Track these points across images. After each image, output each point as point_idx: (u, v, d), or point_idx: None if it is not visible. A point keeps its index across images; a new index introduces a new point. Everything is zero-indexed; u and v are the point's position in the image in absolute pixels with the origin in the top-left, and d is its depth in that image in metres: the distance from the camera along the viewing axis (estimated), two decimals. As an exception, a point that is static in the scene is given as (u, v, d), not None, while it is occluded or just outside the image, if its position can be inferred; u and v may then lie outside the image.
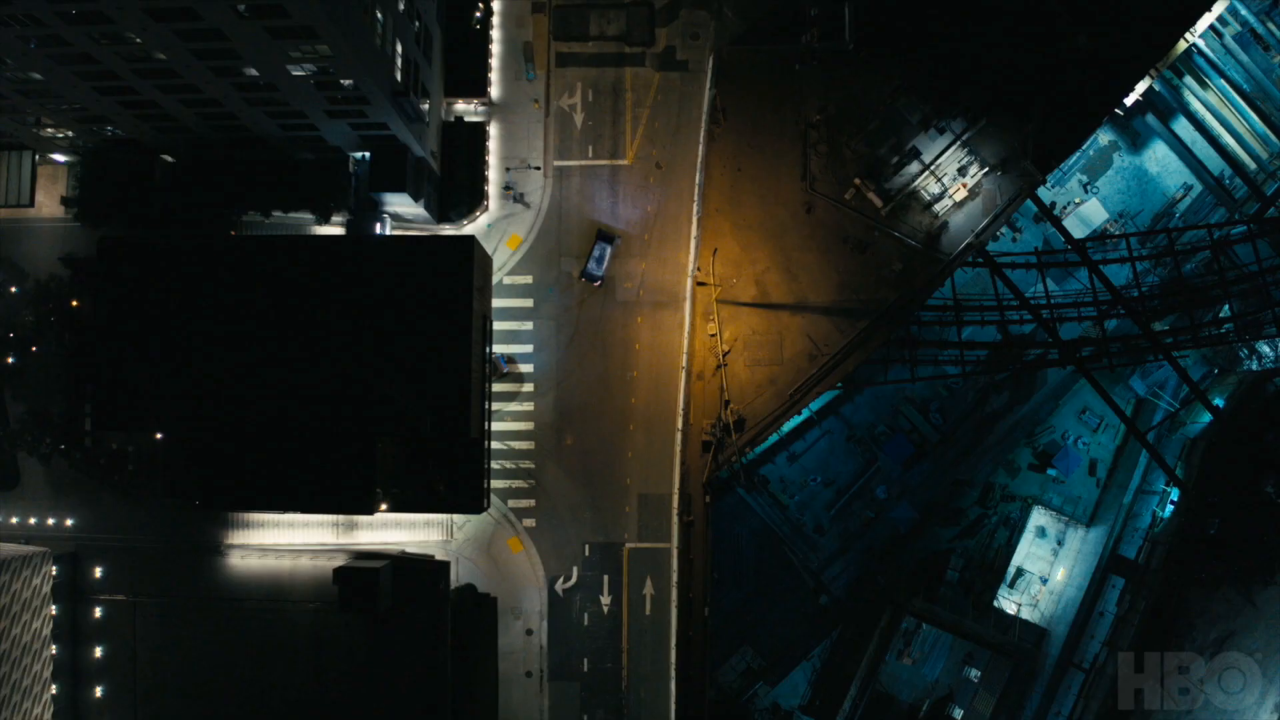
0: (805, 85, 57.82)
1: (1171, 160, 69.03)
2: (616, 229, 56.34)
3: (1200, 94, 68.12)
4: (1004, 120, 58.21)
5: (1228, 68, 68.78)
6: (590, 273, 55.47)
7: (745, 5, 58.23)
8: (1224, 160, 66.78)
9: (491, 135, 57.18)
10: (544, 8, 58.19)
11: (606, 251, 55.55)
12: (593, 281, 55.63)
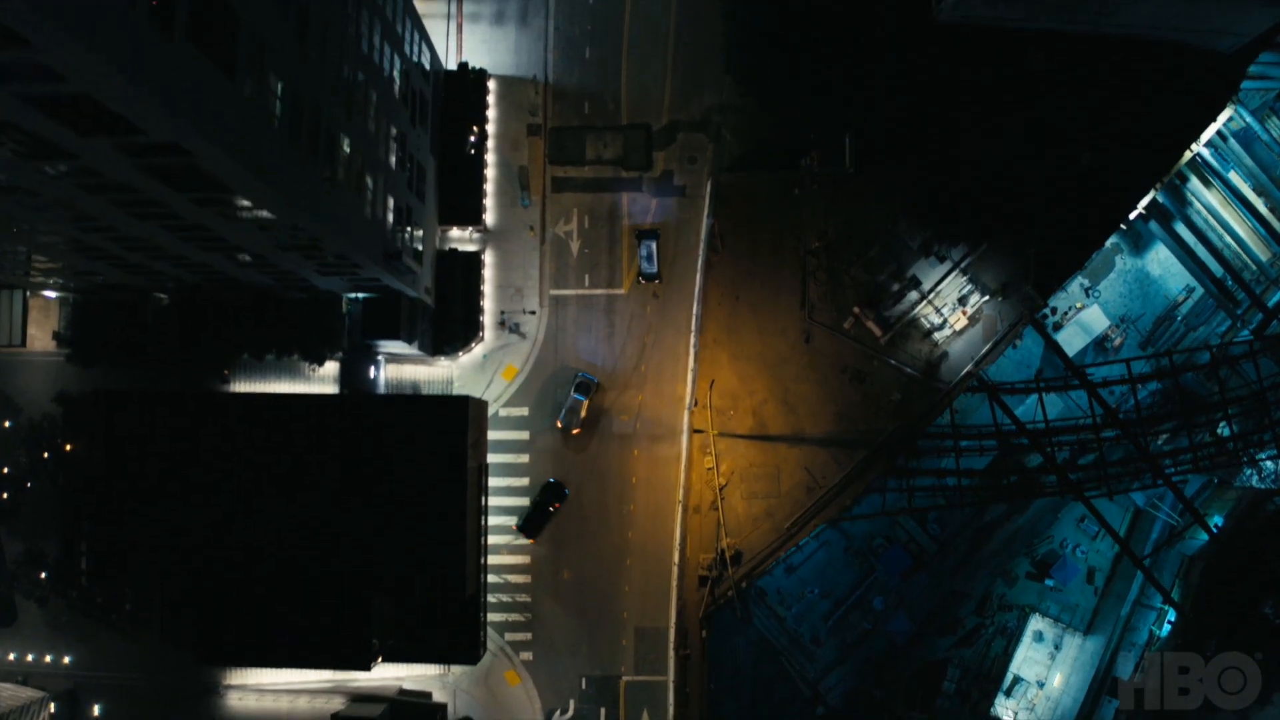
0: (804, 210, 57.17)
1: (1174, 262, 68.36)
2: (601, 368, 56.02)
3: (1202, 195, 67.24)
4: (1005, 243, 57.61)
5: (1230, 165, 67.89)
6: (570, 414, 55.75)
7: (743, 129, 57.47)
8: (1223, 267, 66.05)
9: (487, 263, 56.63)
10: (539, 130, 57.45)
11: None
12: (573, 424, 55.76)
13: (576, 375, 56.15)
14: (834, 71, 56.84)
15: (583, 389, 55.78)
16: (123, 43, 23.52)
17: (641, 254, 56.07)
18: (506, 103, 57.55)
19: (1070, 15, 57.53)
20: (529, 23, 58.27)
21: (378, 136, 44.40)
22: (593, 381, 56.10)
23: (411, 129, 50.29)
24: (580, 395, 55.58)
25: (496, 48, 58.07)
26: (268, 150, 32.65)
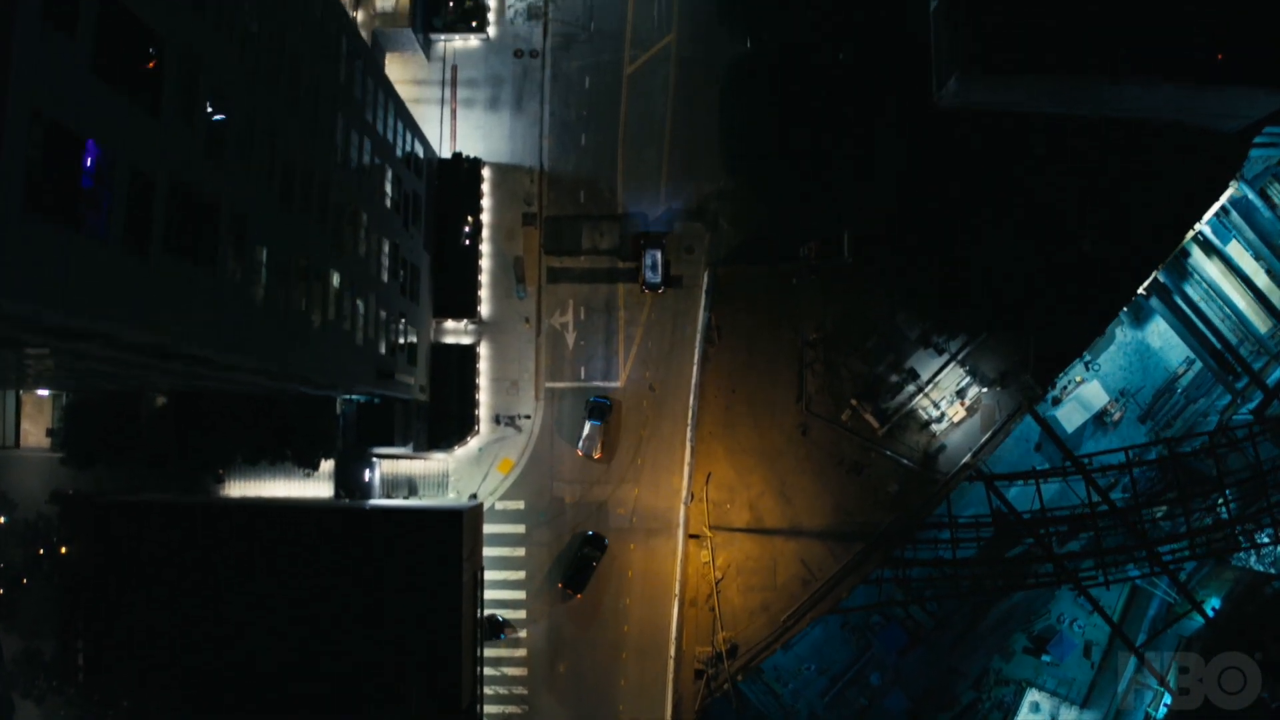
0: (802, 301, 56.74)
1: (1174, 335, 67.78)
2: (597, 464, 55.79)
3: (1201, 268, 66.58)
4: (1004, 332, 57.18)
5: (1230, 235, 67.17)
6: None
7: (741, 217, 56.96)
8: (1221, 343, 65.47)
9: (482, 356, 56.31)
10: (535, 220, 56.98)
11: None
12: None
13: (589, 399, 55.73)
14: (833, 159, 56.21)
15: (597, 413, 55.20)
16: (101, 299, 23.20)
17: (646, 263, 55.40)
18: (502, 191, 57.04)
19: (1073, 102, 56.91)
20: (524, 108, 57.65)
21: (369, 257, 44.01)
22: (606, 404, 55.47)
23: (404, 233, 49.87)
24: (596, 420, 55.05)
25: (491, 134, 57.49)
26: (253, 324, 32.31)
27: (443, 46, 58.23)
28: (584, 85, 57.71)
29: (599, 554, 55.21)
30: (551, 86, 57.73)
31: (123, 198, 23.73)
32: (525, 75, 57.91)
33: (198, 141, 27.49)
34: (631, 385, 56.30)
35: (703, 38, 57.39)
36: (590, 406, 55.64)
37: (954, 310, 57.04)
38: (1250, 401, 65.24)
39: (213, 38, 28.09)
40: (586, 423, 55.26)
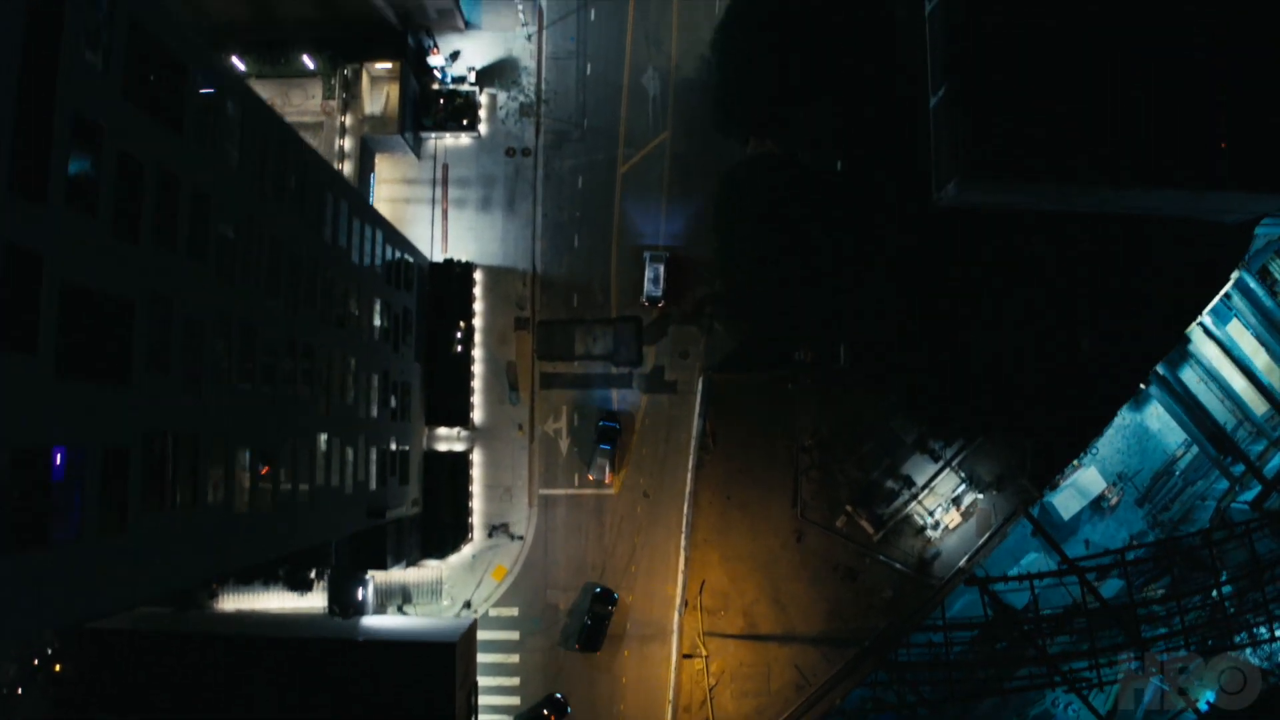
0: (798, 406, 56.17)
1: (1173, 408, 67.32)
2: (592, 571, 55.56)
3: (1199, 352, 66.00)
4: (1001, 435, 56.76)
5: (1230, 316, 66.52)
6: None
7: (736, 322, 56.27)
8: (1218, 430, 65.00)
9: (475, 463, 55.91)
10: (528, 324, 56.35)
11: None
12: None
13: (599, 423, 55.36)
14: (829, 261, 55.34)
15: (607, 437, 54.70)
16: (85, 602, 22.87)
17: (649, 276, 54.97)
18: (494, 295, 56.34)
19: (1074, 203, 56.06)
20: (516, 209, 56.82)
21: (358, 401, 43.53)
22: (615, 428, 55.05)
23: (394, 355, 49.33)
24: (606, 445, 54.58)
25: (483, 235, 56.71)
26: (237, 532, 31.95)
27: (433, 144, 57.28)
28: (577, 185, 56.84)
29: (610, 609, 54.94)
30: (544, 186, 56.86)
31: (95, 495, 23.34)
32: (517, 174, 57.00)
33: (179, 399, 27.02)
34: (625, 492, 55.96)
35: (698, 136, 56.46)
36: (599, 431, 54.93)
37: (951, 412, 56.56)
38: (1249, 489, 64.88)
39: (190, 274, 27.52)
40: (596, 448, 54.79)
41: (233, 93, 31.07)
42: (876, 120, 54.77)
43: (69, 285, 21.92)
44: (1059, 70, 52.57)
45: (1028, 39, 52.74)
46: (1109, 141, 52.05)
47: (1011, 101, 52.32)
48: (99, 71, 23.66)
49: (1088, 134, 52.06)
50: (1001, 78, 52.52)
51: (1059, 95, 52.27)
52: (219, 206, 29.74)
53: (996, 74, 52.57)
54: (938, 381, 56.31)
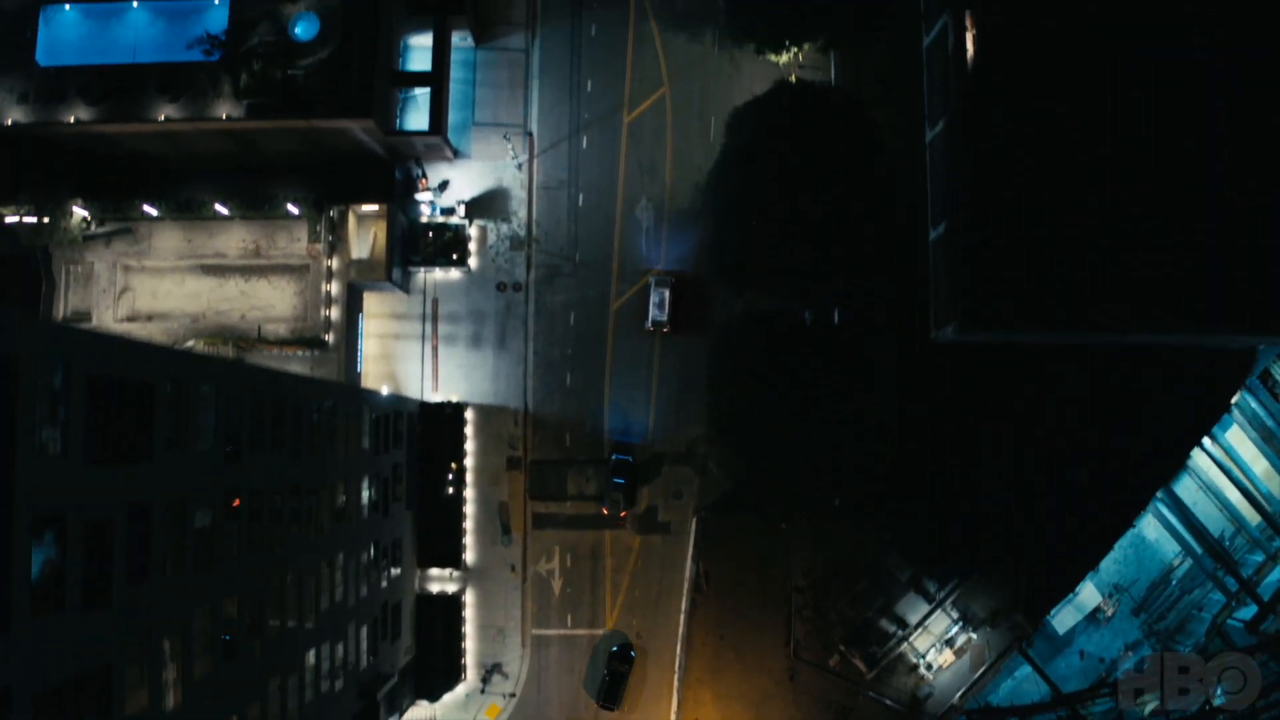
0: (792, 546, 55.86)
1: (1170, 522, 66.80)
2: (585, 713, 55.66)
3: (1195, 464, 65.27)
4: (996, 571, 56.52)
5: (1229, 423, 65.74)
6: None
7: (730, 461, 55.68)
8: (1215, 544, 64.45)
9: (468, 603, 55.70)
10: (520, 464, 55.82)
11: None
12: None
13: (610, 456, 55.05)
14: (824, 403, 54.54)
15: (620, 471, 54.37)
16: None
17: (653, 300, 54.65)
18: (485, 435, 55.75)
19: (1078, 339, 55.12)
20: (507, 346, 56.02)
21: (347, 592, 43.15)
22: (628, 460, 54.65)
23: (384, 519, 48.92)
24: (620, 479, 54.25)
25: (473, 373, 55.98)
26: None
27: (423, 277, 56.33)
28: (569, 321, 55.96)
29: (628, 667, 55.03)
30: (536, 322, 56.00)
31: None
32: (509, 310, 56.10)
33: None
34: (619, 632, 55.80)
35: (691, 272, 55.43)
36: (612, 465, 54.51)
37: (946, 548, 56.25)
38: (1246, 605, 64.56)
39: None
40: (611, 482, 54.39)
41: (205, 378, 30.32)
42: (875, 256, 53.67)
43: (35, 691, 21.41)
44: (1066, 216, 51.42)
45: (1033, 182, 51.55)
46: (1118, 291, 51.08)
47: (1015, 250, 51.25)
48: (58, 453, 22.92)
49: (1095, 284, 51.04)
50: (1005, 224, 51.47)
51: (1065, 243, 51.19)
52: (195, 501, 29.18)
53: (999, 219, 51.51)
54: (933, 517, 55.94)
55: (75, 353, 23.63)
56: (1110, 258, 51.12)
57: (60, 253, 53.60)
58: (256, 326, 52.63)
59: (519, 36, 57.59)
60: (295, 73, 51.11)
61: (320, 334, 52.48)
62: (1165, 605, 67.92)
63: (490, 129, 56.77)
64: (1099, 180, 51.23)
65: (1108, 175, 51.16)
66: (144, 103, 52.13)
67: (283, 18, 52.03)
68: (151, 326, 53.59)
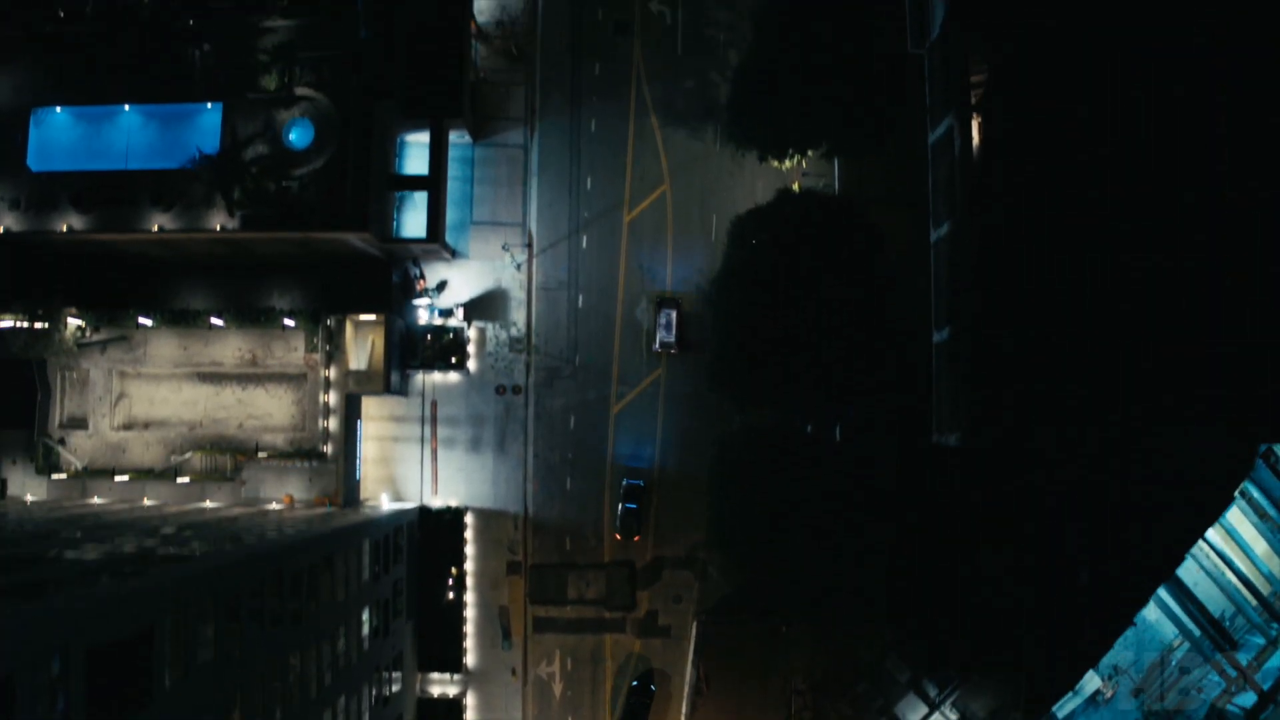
0: (792, 649, 55.83)
1: (1169, 605, 66.90)
2: (596, 817, 55.95)
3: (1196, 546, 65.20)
4: (996, 670, 56.63)
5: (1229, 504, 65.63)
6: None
7: (730, 566, 55.51)
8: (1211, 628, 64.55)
9: (468, 707, 55.73)
10: (519, 569, 55.63)
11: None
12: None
13: (623, 481, 55.09)
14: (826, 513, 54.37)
15: (632, 496, 54.49)
16: None
17: (660, 322, 54.68)
18: (485, 539, 55.53)
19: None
20: (507, 450, 55.64)
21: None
22: (640, 485, 54.76)
23: (384, 640, 48.81)
24: (632, 504, 54.45)
25: (473, 477, 55.67)
26: None
27: (422, 379, 55.83)
28: (569, 425, 55.57)
29: (649, 700, 55.18)
30: (535, 425, 55.61)
31: None
32: (508, 413, 55.68)
33: None
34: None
35: (692, 376, 54.97)
36: (624, 490, 54.58)
37: (945, 650, 56.28)
38: (1245, 692, 64.81)
39: None
40: (621, 506, 54.53)
41: (206, 596, 30.00)
42: (877, 364, 53.24)
43: None
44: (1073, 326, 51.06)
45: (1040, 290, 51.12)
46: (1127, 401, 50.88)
47: (1020, 361, 50.89)
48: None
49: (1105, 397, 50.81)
50: (1010, 333, 51.05)
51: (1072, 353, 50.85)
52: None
53: (1005, 329, 51.09)
54: (932, 617, 55.92)
55: (72, 630, 23.33)
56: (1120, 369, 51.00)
57: (55, 360, 53.02)
58: (255, 443, 52.19)
59: (517, 132, 56.73)
60: (290, 184, 50.35)
61: (318, 445, 52.07)
62: (1165, 686, 68.18)
63: (489, 228, 56.10)
64: (1108, 289, 50.94)
65: (1118, 283, 50.87)
66: (137, 212, 51.43)
67: (276, 124, 51.23)
68: (149, 435, 53.15)
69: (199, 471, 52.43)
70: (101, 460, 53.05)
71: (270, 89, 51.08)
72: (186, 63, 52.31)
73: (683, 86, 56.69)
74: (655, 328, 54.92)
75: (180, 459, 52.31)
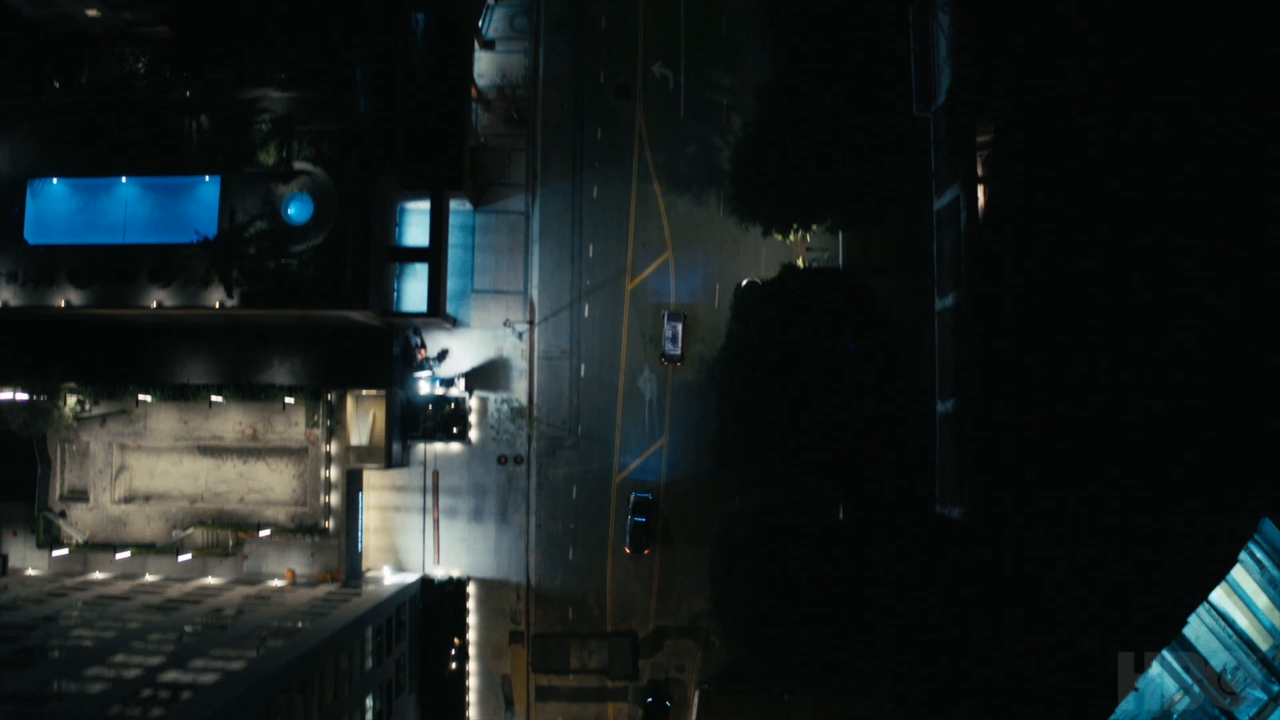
0: (794, 716, 55.83)
1: (1169, 660, 66.92)
2: None
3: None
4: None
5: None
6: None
7: (732, 637, 55.37)
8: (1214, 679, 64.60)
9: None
10: (522, 638, 55.61)
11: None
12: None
13: (631, 495, 55.34)
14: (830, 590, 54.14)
15: (641, 509, 54.58)
16: None
17: (666, 334, 54.71)
18: (487, 609, 55.47)
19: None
20: (509, 520, 55.47)
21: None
22: (648, 499, 54.92)
23: (389, 715, 48.86)
24: (641, 517, 54.47)
25: (475, 547, 55.53)
26: None
27: (423, 449, 55.57)
28: (571, 495, 55.37)
29: (667, 705, 55.22)
30: (537, 495, 55.40)
31: None
32: (510, 483, 55.48)
33: None
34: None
35: (694, 446, 54.67)
36: (633, 504, 54.69)
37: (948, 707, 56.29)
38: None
39: None
40: (631, 520, 54.54)
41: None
42: (882, 439, 52.89)
43: None
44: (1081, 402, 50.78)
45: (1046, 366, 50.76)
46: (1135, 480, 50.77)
47: (1025, 438, 50.64)
48: None
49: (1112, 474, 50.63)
50: (1015, 411, 50.72)
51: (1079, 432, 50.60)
52: None
53: (1009, 406, 50.77)
54: (935, 687, 55.88)
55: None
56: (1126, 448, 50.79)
57: (55, 433, 52.80)
58: (256, 519, 52.04)
59: (519, 198, 56.21)
60: (289, 261, 49.92)
61: (320, 521, 51.94)
62: (1164, 738, 68.35)
63: (490, 296, 55.70)
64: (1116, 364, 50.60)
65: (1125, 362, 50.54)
66: (135, 288, 51.05)
67: (275, 199, 50.74)
68: (150, 508, 53.01)
69: (201, 546, 52.33)
70: (103, 533, 52.96)
71: (268, 163, 50.55)
72: (183, 135, 51.78)
73: (685, 151, 56.10)
74: (661, 340, 54.74)
75: (182, 534, 52.19)
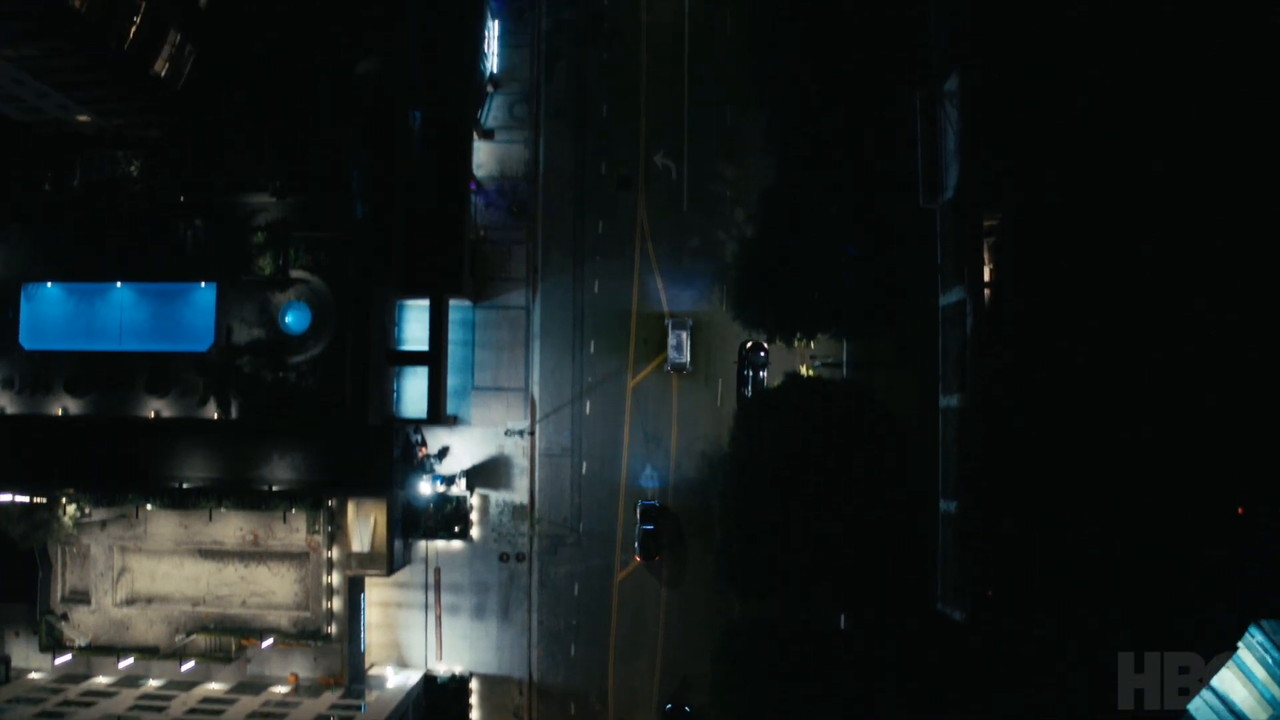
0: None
1: None
2: None
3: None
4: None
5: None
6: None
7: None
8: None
9: None
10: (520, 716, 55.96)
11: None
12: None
13: (638, 503, 55.34)
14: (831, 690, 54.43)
15: (648, 516, 54.55)
16: None
17: (671, 342, 54.58)
18: (489, 705, 55.70)
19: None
20: (511, 617, 55.53)
21: None
22: (655, 506, 54.94)
23: (392, 830, 49.29)
24: (648, 525, 54.52)
25: (477, 644, 55.65)
26: None
27: (425, 546, 55.47)
28: (573, 592, 55.36)
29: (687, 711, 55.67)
30: (539, 593, 55.39)
31: None
32: (512, 581, 55.45)
33: None
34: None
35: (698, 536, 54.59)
36: (640, 512, 54.58)
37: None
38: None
39: None
40: (639, 529, 54.55)
41: None
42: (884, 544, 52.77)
43: None
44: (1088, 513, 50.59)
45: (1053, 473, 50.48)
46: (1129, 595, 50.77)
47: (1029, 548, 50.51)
48: None
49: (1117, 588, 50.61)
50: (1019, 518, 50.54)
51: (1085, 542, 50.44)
52: None
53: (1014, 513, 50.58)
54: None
55: None
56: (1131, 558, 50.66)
57: (55, 540, 52.64)
58: (258, 624, 52.07)
59: (519, 293, 55.53)
60: (287, 374, 49.49)
61: (323, 626, 51.94)
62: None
63: (490, 393, 55.28)
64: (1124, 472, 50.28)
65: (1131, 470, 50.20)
66: (132, 397, 50.80)
67: (272, 307, 50.23)
68: (151, 611, 53.01)
69: (203, 651, 52.40)
70: (105, 636, 53.00)
71: (265, 271, 49.90)
72: (179, 239, 51.05)
73: (688, 245, 55.36)
74: (666, 349, 54.26)
75: (184, 640, 52.25)
